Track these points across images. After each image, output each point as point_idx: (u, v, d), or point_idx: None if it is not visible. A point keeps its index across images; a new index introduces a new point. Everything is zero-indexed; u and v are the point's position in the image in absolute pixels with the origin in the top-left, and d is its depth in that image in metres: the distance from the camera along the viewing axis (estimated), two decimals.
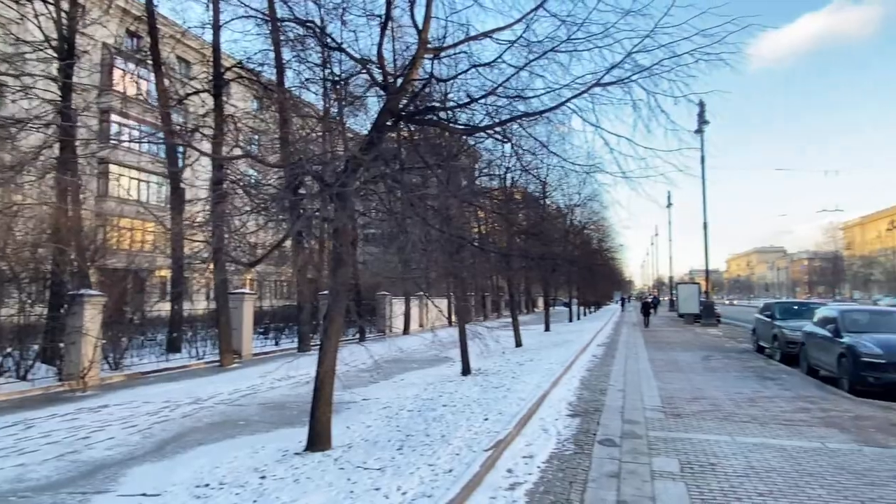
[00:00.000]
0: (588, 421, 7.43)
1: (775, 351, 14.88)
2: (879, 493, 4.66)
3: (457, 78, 6.58)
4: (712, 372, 12.24)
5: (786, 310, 15.94)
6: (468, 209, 13.56)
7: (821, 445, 6.19)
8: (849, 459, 5.64)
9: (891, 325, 10.92)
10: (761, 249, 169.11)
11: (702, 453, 5.86)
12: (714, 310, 32.55)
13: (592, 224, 32.90)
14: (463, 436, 6.32)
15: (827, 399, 9.04)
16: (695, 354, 15.85)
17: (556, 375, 10.92)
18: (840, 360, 10.18)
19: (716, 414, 7.87)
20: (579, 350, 15.98)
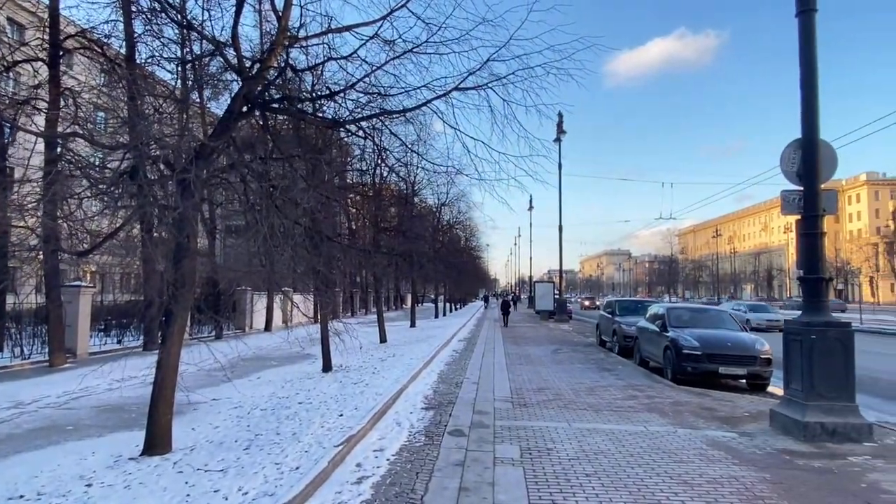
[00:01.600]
0: (441, 413, 7.67)
1: (614, 344, 16.33)
2: (685, 469, 5.30)
3: (315, 69, 6.49)
4: (559, 364, 13.15)
5: (624, 307, 17.56)
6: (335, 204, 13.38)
7: (644, 429, 6.90)
8: (665, 441, 6.35)
9: (708, 321, 12.42)
10: (610, 252, 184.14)
11: (541, 439, 6.29)
12: (566, 307, 34.94)
13: (460, 223, 33.90)
14: (315, 433, 6.25)
15: (653, 387, 10.09)
16: (546, 348, 16.92)
17: (416, 370, 11.13)
18: (665, 352, 11.41)
19: (557, 402, 8.48)
20: (441, 345, 16.40)
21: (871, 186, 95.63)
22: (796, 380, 6.69)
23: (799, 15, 6.88)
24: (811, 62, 6.79)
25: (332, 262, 9.56)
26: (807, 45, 6.81)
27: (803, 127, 6.93)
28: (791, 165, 7.25)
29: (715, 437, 6.49)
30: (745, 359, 10.47)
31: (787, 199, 7.33)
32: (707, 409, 8.19)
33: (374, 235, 16.99)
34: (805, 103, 6.86)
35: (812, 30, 6.78)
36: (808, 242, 6.94)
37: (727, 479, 5.00)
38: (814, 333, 6.54)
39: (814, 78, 6.79)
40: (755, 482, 4.91)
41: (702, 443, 6.25)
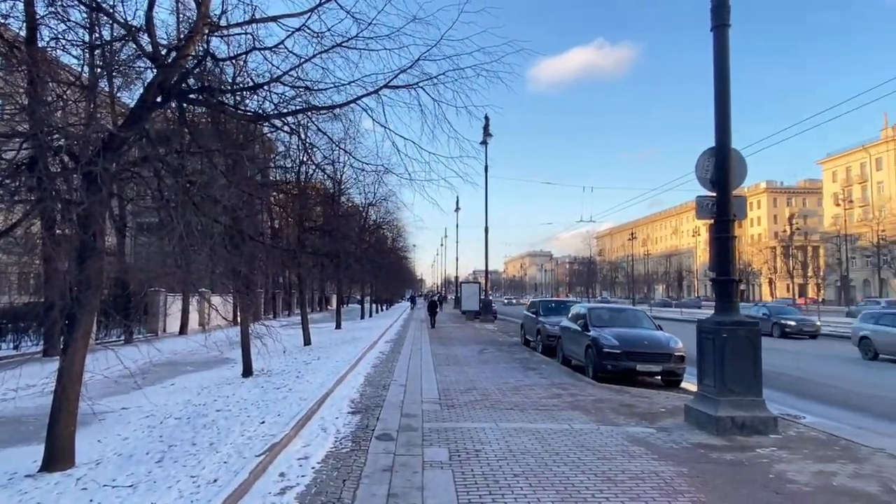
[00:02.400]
0: (368, 417, 7.52)
1: (538, 344, 16.69)
2: (609, 465, 5.43)
3: (238, 59, 6.18)
4: (486, 364, 13.28)
5: (548, 307, 18.00)
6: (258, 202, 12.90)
7: (568, 427, 7.05)
8: (588, 438, 6.50)
9: (627, 320, 12.91)
10: (533, 253, 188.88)
11: (469, 441, 6.28)
12: (491, 307, 35.43)
13: (387, 223, 33.65)
14: (235, 442, 5.96)
15: (576, 385, 10.36)
16: (472, 348, 17.06)
17: (342, 373, 10.89)
18: (587, 351, 11.76)
19: (485, 403, 8.53)
20: (367, 347, 16.17)
21: (770, 194, 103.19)
22: (709, 376, 7.04)
23: (713, 30, 7.24)
24: (724, 75, 7.17)
25: (253, 263, 9.19)
26: (721, 58, 7.18)
27: (717, 136, 7.30)
28: (705, 172, 7.63)
29: (635, 434, 6.72)
30: (661, 356, 10.95)
31: (702, 205, 7.70)
32: (626, 405, 8.49)
33: (299, 235, 16.53)
34: (718, 113, 7.23)
35: (725, 44, 7.15)
36: (720, 246, 7.32)
37: (648, 474, 5.16)
38: (725, 332, 6.90)
39: (727, 89, 7.17)
40: (674, 476, 5.10)
41: (623, 439, 6.45)
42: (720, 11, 7.12)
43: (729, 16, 7.13)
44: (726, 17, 7.11)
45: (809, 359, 17.17)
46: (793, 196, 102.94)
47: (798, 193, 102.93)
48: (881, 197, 76.76)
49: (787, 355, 17.33)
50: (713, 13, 7.19)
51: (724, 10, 7.09)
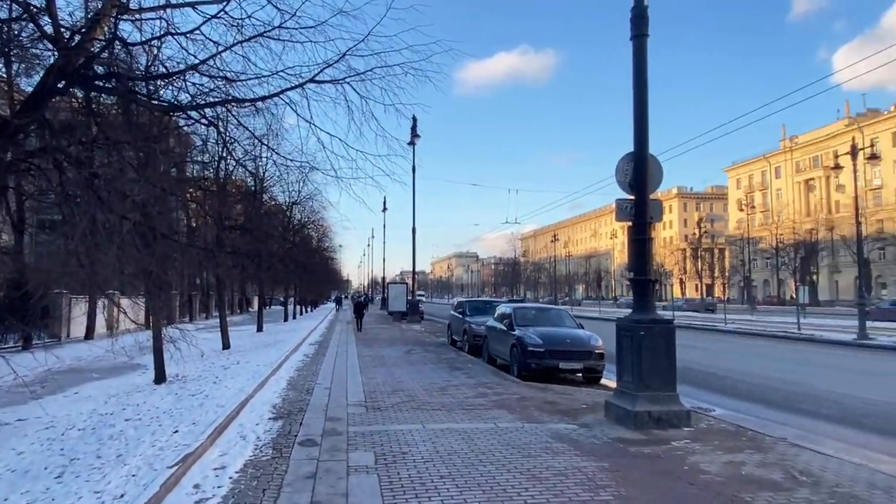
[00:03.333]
0: (291, 422, 7.28)
1: (465, 344, 16.81)
2: (533, 463, 5.50)
3: (150, 44, 5.81)
4: (413, 365, 13.21)
5: (474, 307, 18.17)
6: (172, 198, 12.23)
7: (494, 426, 7.10)
8: (514, 436, 6.57)
9: (551, 320, 13.21)
10: (459, 254, 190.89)
11: (396, 443, 6.20)
12: (419, 307, 35.42)
13: (312, 223, 32.91)
14: (145, 453, 5.60)
15: (501, 384, 10.48)
16: (399, 349, 16.95)
17: (263, 378, 10.52)
18: (512, 350, 11.94)
19: (411, 404, 8.47)
20: (291, 350, 15.72)
21: (681, 199, 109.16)
22: (627, 372, 7.29)
23: (633, 39, 7.51)
24: (642, 83, 7.45)
25: (166, 262, 8.69)
26: (639, 67, 7.46)
27: (635, 142, 7.58)
28: (624, 176, 7.91)
29: (558, 430, 6.86)
30: (583, 354, 11.28)
31: (621, 207, 7.98)
32: (550, 402, 8.67)
33: (218, 234, 15.82)
34: (637, 120, 7.51)
35: (644, 53, 7.44)
36: (638, 247, 7.60)
37: (571, 470, 5.27)
38: (642, 330, 7.17)
39: (644, 97, 7.46)
40: (596, 471, 5.23)
41: (547, 436, 6.56)
42: (639, 22, 7.40)
43: (647, 27, 7.42)
44: (645, 28, 7.39)
45: (716, 354, 18.23)
46: (702, 201, 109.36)
47: (706, 199, 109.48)
48: (780, 203, 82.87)
49: (696, 351, 18.31)
50: (632, 23, 7.47)
51: (642, 20, 7.38)
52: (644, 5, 7.39)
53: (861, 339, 21.06)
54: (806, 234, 67.78)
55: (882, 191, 69.72)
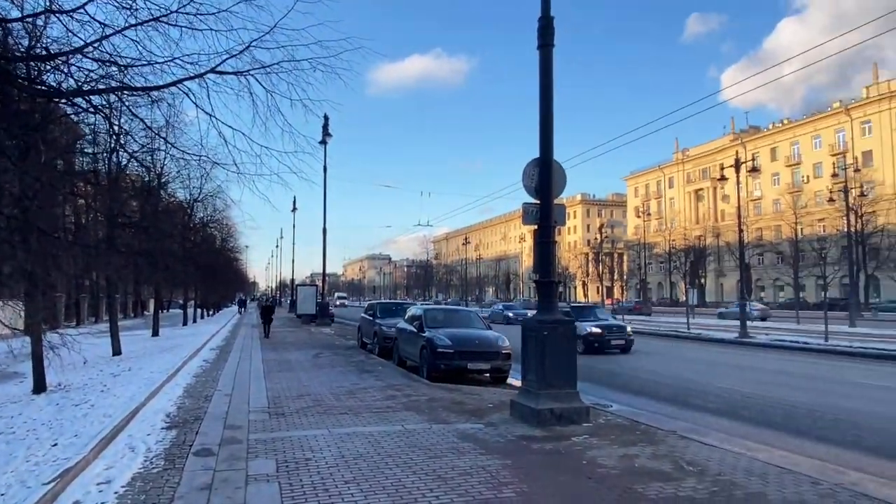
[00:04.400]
0: (186, 432, 6.88)
1: (375, 346, 16.68)
2: (440, 463, 5.52)
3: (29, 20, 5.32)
4: (320, 369, 12.92)
5: (385, 309, 18.07)
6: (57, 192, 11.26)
7: (401, 428, 7.06)
8: (421, 438, 6.56)
9: (460, 321, 13.37)
10: (372, 256, 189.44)
11: (299, 450, 6.01)
12: (329, 310, 34.77)
13: (216, 222, 31.47)
14: (18, 469, 5.09)
15: (411, 386, 10.47)
16: (307, 353, 16.53)
17: (157, 385, 9.88)
18: (422, 352, 11.97)
19: (317, 409, 8.26)
20: (189, 355, 14.91)
21: (585, 205, 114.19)
22: (532, 371, 7.49)
23: (539, 48, 7.75)
24: (548, 91, 7.70)
25: (47, 261, 7.98)
26: (545, 75, 7.70)
27: (541, 148, 7.81)
28: (531, 181, 8.13)
29: (465, 430, 6.93)
30: (490, 354, 11.50)
31: (527, 211, 8.20)
32: (458, 403, 8.75)
33: (109, 231, 14.74)
34: (542, 127, 7.74)
35: (549, 62, 7.69)
36: (543, 250, 7.84)
37: (476, 468, 5.33)
38: (546, 330, 7.39)
39: (550, 105, 7.71)
40: (500, 469, 5.32)
41: (454, 436, 6.61)
42: (545, 32, 7.64)
43: (553, 37, 7.67)
44: (550, 38, 7.64)
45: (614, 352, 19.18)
46: (604, 208, 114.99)
47: (608, 205, 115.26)
48: (673, 211, 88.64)
49: None
50: (539, 33, 7.70)
51: (548, 30, 7.62)
52: (550, 16, 7.64)
53: (742, 337, 22.94)
54: (695, 241, 72.95)
55: (761, 201, 76.35)
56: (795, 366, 15.70)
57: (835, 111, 68.86)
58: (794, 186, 70.31)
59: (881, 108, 63.34)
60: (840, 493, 4.82)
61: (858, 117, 65.88)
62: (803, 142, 72.15)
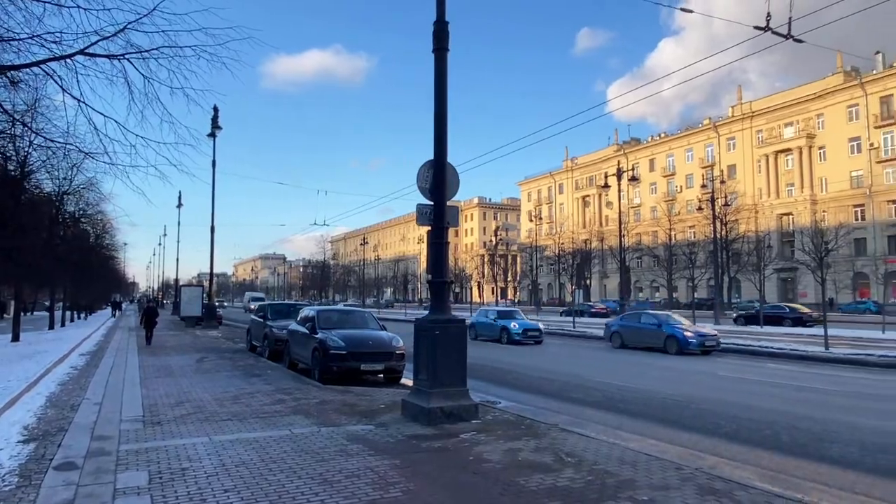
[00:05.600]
0: (47, 444, 6.27)
1: (265, 349, 16.09)
2: (326, 466, 5.42)
3: None
4: (204, 374, 12.27)
5: (277, 311, 17.48)
6: None
7: (289, 432, 6.86)
8: (309, 441, 6.41)
9: (354, 322, 13.21)
10: (265, 256, 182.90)
11: (175, 460, 5.67)
12: (216, 312, 33.11)
13: (88, 217, 28.97)
14: None
15: (301, 389, 10.20)
16: (190, 357, 15.64)
17: (14, 395, 8.94)
18: (314, 354, 11.71)
19: (198, 416, 7.83)
20: (55, 362, 13.61)
21: (481, 208, 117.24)
22: (423, 370, 7.56)
23: (434, 52, 7.85)
24: (443, 94, 7.81)
25: None
26: (440, 78, 7.81)
27: (435, 150, 7.91)
28: (425, 182, 8.21)
29: (355, 432, 6.86)
30: (384, 355, 11.46)
31: (421, 212, 8.27)
32: (349, 405, 8.64)
33: None
34: (437, 129, 7.85)
35: (444, 66, 7.81)
36: (436, 250, 7.95)
37: (364, 470, 5.29)
38: (438, 329, 7.49)
39: (444, 108, 7.83)
40: (388, 469, 5.32)
41: (343, 439, 6.52)
42: (440, 36, 7.75)
43: (448, 41, 7.79)
44: (446, 42, 7.76)
45: (505, 350, 19.82)
46: (499, 211, 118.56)
47: (503, 209, 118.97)
48: (562, 215, 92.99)
49: (487, 349, 19.73)
50: (434, 37, 7.79)
51: (443, 34, 7.74)
52: (445, 21, 7.76)
53: None
54: (582, 244, 77.01)
55: (641, 208, 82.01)
56: (667, 361, 17.02)
57: (705, 127, 75.54)
58: (669, 195, 76.21)
59: (744, 126, 70.31)
60: (699, 476, 5.28)
61: (725, 134, 72.69)
62: (678, 154, 78.44)
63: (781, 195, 66.26)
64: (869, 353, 16.79)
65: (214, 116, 27.06)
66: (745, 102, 71.56)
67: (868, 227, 58.08)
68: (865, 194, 58.31)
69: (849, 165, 60.12)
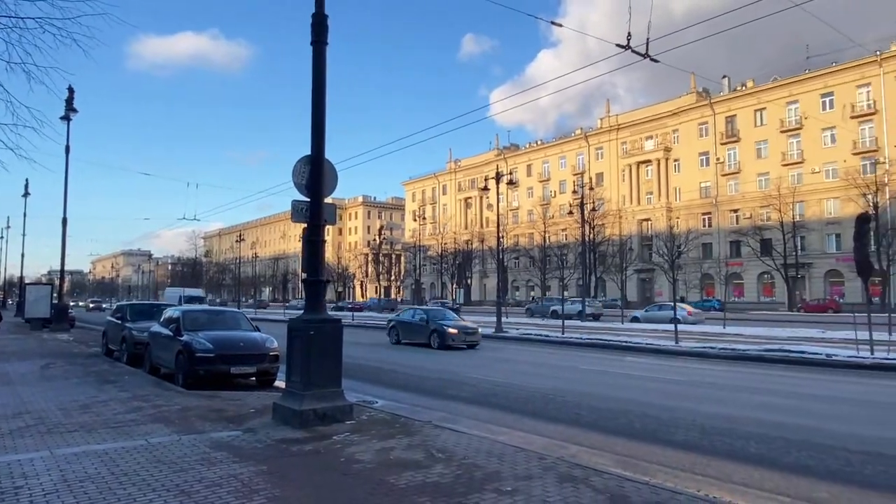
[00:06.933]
0: None
1: (123, 353, 14.84)
2: (185, 477, 5.08)
3: None
4: (50, 381, 11.06)
5: (138, 311, 16.18)
6: None
7: (145, 442, 6.36)
8: (167, 451, 5.98)
9: (225, 323, 12.52)
10: (128, 252, 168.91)
11: (7, 478, 5.05)
12: (68, 313, 30.06)
13: None
14: None
15: (162, 395, 9.51)
16: (34, 363, 14.02)
17: None
18: (178, 357, 10.96)
19: (39, 428, 7.04)
20: None
21: (366, 207, 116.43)
22: (296, 372, 7.33)
23: (312, 45, 7.65)
24: (321, 88, 7.63)
25: None
26: (318, 72, 7.63)
27: (312, 145, 7.71)
28: (301, 178, 7.98)
29: (220, 439, 6.51)
30: (256, 357, 10.98)
31: (297, 209, 8.03)
32: (216, 410, 8.19)
33: None
34: (315, 124, 7.65)
35: (322, 60, 7.63)
36: (312, 248, 7.74)
37: (227, 478, 5.03)
38: (312, 329, 7.30)
39: (322, 102, 7.65)
40: (253, 476, 5.10)
41: (206, 446, 6.16)
42: (319, 29, 7.57)
43: (326, 34, 7.63)
44: (324, 36, 7.59)
45: (386, 349, 19.82)
46: (384, 210, 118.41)
47: (388, 208, 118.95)
48: (445, 216, 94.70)
49: (367, 348, 19.63)
50: (312, 29, 7.59)
51: (322, 27, 7.56)
52: (324, 14, 7.59)
53: (497, 332, 25.43)
54: (464, 245, 78.96)
55: (519, 211, 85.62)
56: (538, 356, 17.91)
57: (577, 137, 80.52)
58: (544, 200, 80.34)
59: (610, 137, 75.80)
60: (560, 465, 5.59)
61: (594, 144, 77.91)
62: (552, 161, 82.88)
63: (642, 202, 72.24)
64: (712, 347, 18.74)
65: (69, 98, 24.44)
66: (612, 115, 77.24)
67: (714, 233, 64.92)
68: (712, 203, 65.10)
69: (699, 177, 66.84)
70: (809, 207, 56.20)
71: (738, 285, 62.21)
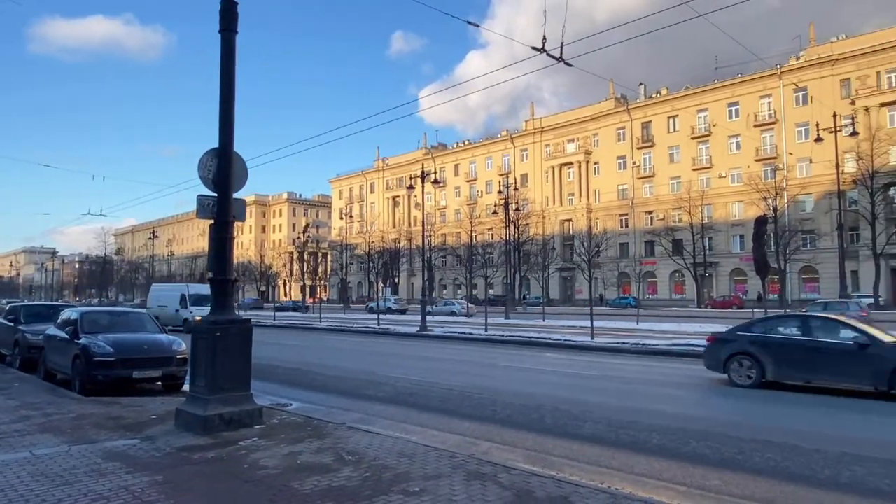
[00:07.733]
0: None
1: (16, 358, 13.73)
2: (70, 491, 4.72)
3: None
4: None
5: (33, 313, 15.03)
6: None
7: (29, 454, 5.87)
8: (53, 463, 5.55)
9: (128, 325, 11.78)
10: (30, 249, 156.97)
11: None
12: None
13: None
14: None
15: (55, 403, 8.84)
16: None
17: None
18: (75, 362, 10.22)
19: None
20: None
21: (291, 204, 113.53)
22: (201, 376, 6.99)
23: (221, 32, 7.32)
24: (230, 78, 7.31)
25: None
26: (227, 61, 7.30)
27: (220, 137, 7.37)
28: (208, 172, 7.61)
29: (114, 448, 6.10)
30: (162, 360, 10.41)
31: (202, 204, 7.67)
32: (114, 418, 7.70)
33: None
34: (223, 115, 7.32)
35: (231, 49, 7.32)
36: (219, 246, 7.40)
37: (117, 491, 4.71)
38: (219, 331, 6.98)
39: (231, 92, 7.33)
40: (146, 487, 4.80)
41: (97, 457, 5.76)
42: (227, 16, 7.24)
43: (236, 23, 7.31)
44: (233, 23, 7.27)
45: (305, 350, 19.35)
46: (309, 207, 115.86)
47: (314, 206, 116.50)
48: (373, 214, 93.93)
49: (286, 349, 19.10)
50: (221, 16, 7.26)
51: (231, 15, 7.24)
52: (233, 1, 7.28)
53: (422, 331, 25.44)
54: (392, 243, 78.55)
55: (446, 210, 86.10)
56: (460, 354, 18.01)
57: (503, 138, 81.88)
58: (471, 199, 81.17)
59: (535, 139, 77.60)
60: (470, 462, 5.60)
61: (519, 145, 79.52)
62: (479, 161, 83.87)
63: (564, 203, 74.46)
64: (625, 342, 19.50)
65: None
66: (536, 118, 79.12)
67: (630, 233, 67.86)
68: (629, 205, 68.00)
69: (617, 180, 69.65)
70: (717, 210, 59.73)
71: (652, 283, 65.28)
